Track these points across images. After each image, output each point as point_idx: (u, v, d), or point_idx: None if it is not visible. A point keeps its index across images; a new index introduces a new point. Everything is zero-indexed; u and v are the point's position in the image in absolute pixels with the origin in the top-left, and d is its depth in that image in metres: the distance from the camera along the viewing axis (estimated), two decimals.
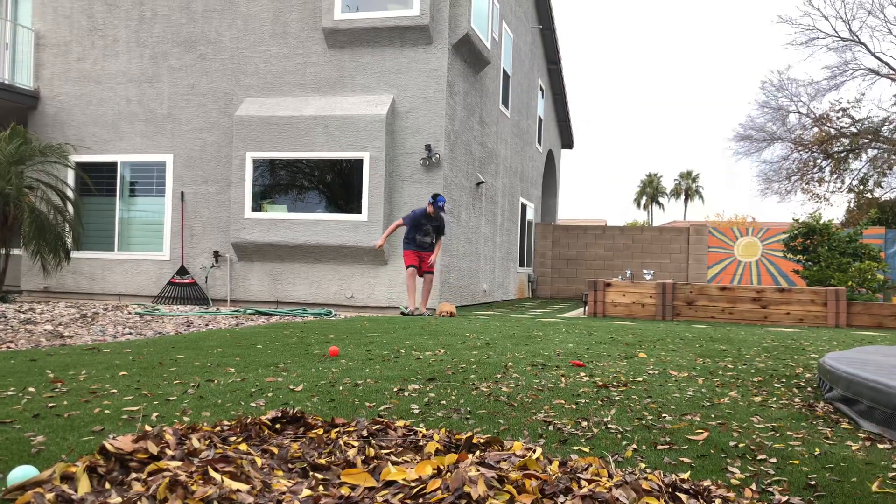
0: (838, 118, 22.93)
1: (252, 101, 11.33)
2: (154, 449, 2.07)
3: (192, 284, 11.52)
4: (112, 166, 12.07)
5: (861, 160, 23.59)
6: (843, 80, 22.74)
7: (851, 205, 24.51)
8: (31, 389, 3.54)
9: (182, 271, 11.59)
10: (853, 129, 22.70)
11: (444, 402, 3.41)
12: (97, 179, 12.02)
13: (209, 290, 11.52)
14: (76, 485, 1.86)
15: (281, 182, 11.23)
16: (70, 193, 11.55)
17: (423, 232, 9.39)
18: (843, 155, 23.50)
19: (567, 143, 23.06)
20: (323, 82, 11.18)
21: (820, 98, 26.21)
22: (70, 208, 11.37)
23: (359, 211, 10.71)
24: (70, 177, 11.98)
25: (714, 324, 9.48)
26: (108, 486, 1.87)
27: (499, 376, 4.15)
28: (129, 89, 12.00)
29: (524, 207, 17.43)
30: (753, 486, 2.26)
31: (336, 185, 11.00)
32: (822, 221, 12.52)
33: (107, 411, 3.09)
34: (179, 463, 1.97)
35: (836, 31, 22.64)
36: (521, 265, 17.36)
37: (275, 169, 11.17)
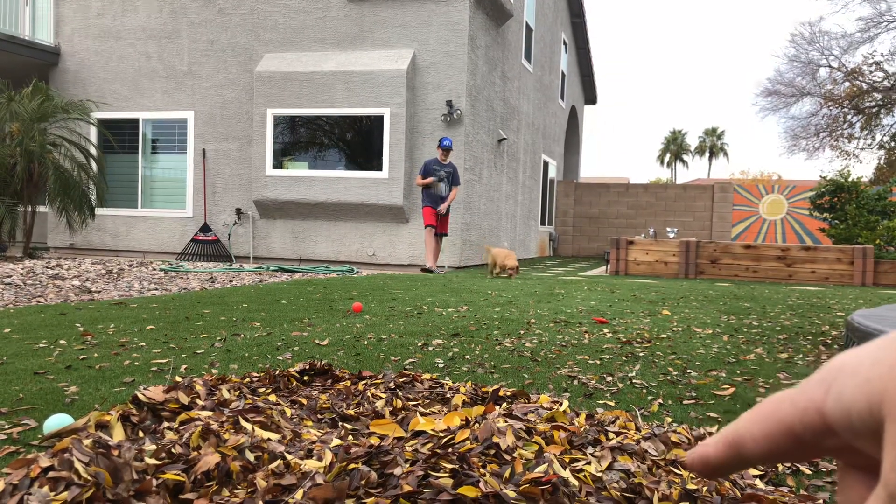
0: (871, 72, 22.27)
1: (272, 56, 11.23)
2: (185, 399, 2.10)
3: (215, 241, 11.61)
4: (134, 123, 12.09)
5: (893, 115, 22.97)
6: (878, 33, 22.00)
7: (881, 161, 23.98)
8: (62, 342, 3.60)
9: (205, 228, 11.67)
10: (886, 84, 22.05)
11: (468, 356, 3.43)
12: (119, 137, 12.06)
13: (232, 248, 11.61)
14: (111, 432, 1.90)
15: (301, 139, 11.19)
16: (93, 150, 11.61)
17: (438, 178, 9.42)
18: (874, 110, 22.88)
19: (590, 98, 22.69)
20: (343, 37, 11.03)
21: (852, 51, 25.32)
22: (94, 165, 11.43)
23: (380, 168, 10.66)
24: (93, 134, 12.03)
25: (738, 282, 9.39)
26: (141, 434, 1.90)
27: (522, 332, 4.15)
28: (149, 45, 11.93)
29: (546, 165, 17.25)
30: None
31: (357, 142, 10.94)
32: (850, 179, 12.27)
33: (136, 363, 3.14)
34: (210, 413, 1.99)
35: None
36: (543, 223, 17.27)
37: (295, 126, 11.12)
